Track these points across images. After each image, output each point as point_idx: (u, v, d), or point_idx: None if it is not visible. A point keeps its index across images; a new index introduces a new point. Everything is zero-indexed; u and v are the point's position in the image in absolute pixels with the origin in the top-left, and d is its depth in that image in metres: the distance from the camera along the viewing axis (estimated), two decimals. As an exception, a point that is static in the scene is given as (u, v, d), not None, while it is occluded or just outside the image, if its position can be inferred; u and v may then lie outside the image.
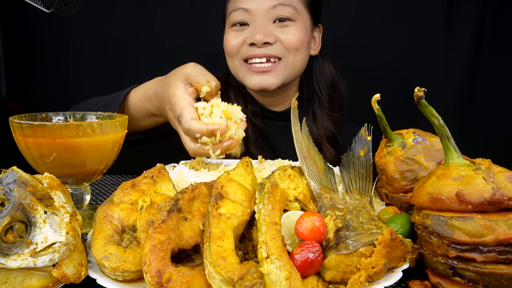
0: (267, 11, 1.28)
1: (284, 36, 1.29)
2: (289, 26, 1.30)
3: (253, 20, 1.30)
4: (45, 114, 0.93)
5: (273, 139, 1.46)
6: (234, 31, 1.33)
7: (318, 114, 1.42)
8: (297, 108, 0.92)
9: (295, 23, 1.31)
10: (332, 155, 1.38)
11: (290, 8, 1.29)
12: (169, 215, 0.65)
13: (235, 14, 1.31)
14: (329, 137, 1.41)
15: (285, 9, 1.28)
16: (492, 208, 0.64)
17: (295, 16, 1.30)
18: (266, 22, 1.29)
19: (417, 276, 0.70)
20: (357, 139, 0.93)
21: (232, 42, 1.33)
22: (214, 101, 0.91)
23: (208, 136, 0.86)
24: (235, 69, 1.37)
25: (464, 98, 1.91)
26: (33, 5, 0.91)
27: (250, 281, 0.58)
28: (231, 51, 1.34)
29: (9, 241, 0.60)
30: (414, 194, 0.74)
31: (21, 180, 0.63)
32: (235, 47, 1.32)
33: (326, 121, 1.42)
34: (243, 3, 1.30)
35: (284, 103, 1.45)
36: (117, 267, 0.63)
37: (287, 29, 1.30)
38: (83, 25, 1.93)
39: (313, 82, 1.45)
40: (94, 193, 1.13)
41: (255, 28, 1.28)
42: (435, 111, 0.74)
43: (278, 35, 1.29)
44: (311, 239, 0.65)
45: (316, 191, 0.82)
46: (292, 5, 1.30)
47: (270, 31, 1.28)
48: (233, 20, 1.32)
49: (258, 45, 1.28)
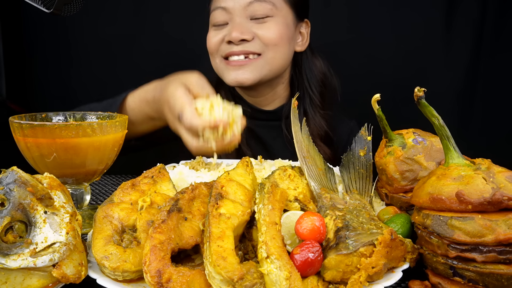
0: (244, 8, 1.28)
1: (261, 32, 1.29)
2: (267, 22, 1.29)
3: (231, 18, 1.30)
4: (45, 114, 0.93)
5: (266, 139, 1.44)
6: (214, 30, 1.34)
7: (310, 112, 1.40)
8: (296, 107, 0.92)
9: (274, 19, 1.30)
10: (327, 153, 1.37)
11: (267, 4, 1.28)
12: (169, 215, 0.65)
13: (214, 14, 1.32)
14: (322, 135, 1.40)
15: (262, 5, 1.28)
16: (492, 208, 0.64)
17: (273, 11, 1.29)
18: (243, 19, 1.29)
19: (417, 276, 0.70)
20: (357, 139, 0.93)
21: (212, 40, 1.34)
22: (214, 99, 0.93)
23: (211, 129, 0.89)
24: (216, 67, 1.37)
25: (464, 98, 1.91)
26: (33, 5, 0.91)
27: (250, 281, 0.58)
28: (211, 50, 1.35)
29: (9, 241, 0.60)
30: (414, 194, 0.74)
31: (21, 180, 0.63)
32: (215, 46, 1.33)
33: (318, 119, 1.40)
34: (222, 2, 1.30)
35: (274, 101, 1.44)
36: (117, 267, 0.63)
37: (264, 25, 1.29)
38: (84, 25, 1.93)
39: (303, 80, 1.43)
40: (94, 193, 1.13)
41: (233, 26, 1.29)
42: (435, 111, 0.74)
43: (256, 31, 1.29)
44: (311, 239, 0.65)
45: (316, 191, 0.82)
46: (269, 0, 1.29)
47: (247, 28, 1.28)
48: (214, 19, 1.33)
49: (235, 42, 1.28)
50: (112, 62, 1.97)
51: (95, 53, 1.98)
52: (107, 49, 1.96)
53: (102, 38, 1.95)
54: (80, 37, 1.97)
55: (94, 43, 1.96)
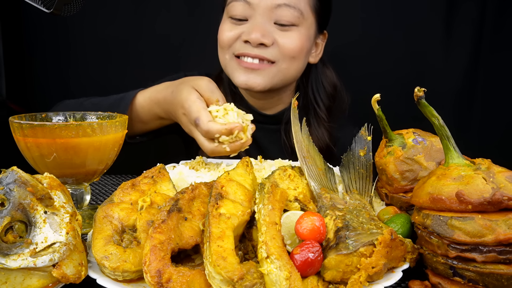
0: (270, 10, 1.18)
1: (282, 41, 1.21)
2: (290, 31, 1.21)
3: (252, 15, 1.20)
4: (45, 114, 0.93)
5: (263, 143, 1.39)
6: (231, 23, 1.24)
7: (313, 124, 1.34)
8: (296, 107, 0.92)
9: (298, 28, 1.22)
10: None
11: (295, 11, 1.19)
12: (169, 215, 0.65)
13: (235, 5, 1.21)
14: (323, 148, 1.32)
15: (290, 11, 1.19)
16: (492, 208, 0.64)
17: (300, 20, 1.21)
18: (266, 21, 1.20)
19: (417, 276, 0.70)
20: (357, 139, 0.93)
21: (226, 34, 1.24)
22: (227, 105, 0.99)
23: (226, 135, 0.95)
24: (224, 62, 1.30)
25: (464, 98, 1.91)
26: (33, 5, 0.91)
27: (250, 281, 0.58)
28: (223, 44, 1.26)
29: (9, 241, 0.60)
30: (414, 194, 0.74)
31: (21, 180, 0.63)
32: (228, 41, 1.24)
33: (321, 132, 1.34)
34: None
35: (276, 106, 1.39)
36: (117, 267, 0.63)
37: (287, 33, 1.21)
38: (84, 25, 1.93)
39: (309, 90, 1.37)
40: (94, 193, 1.13)
41: (253, 25, 1.19)
42: (435, 111, 0.74)
43: (277, 38, 1.21)
44: (311, 239, 0.65)
45: (316, 191, 0.82)
46: (298, 7, 1.20)
47: (269, 32, 1.20)
48: (232, 11, 1.22)
49: (253, 44, 1.20)
50: (112, 62, 1.97)
51: (95, 53, 1.98)
52: (107, 49, 1.96)
53: (102, 38, 1.95)
54: (80, 37, 1.97)
55: (94, 43, 1.96)
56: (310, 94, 1.37)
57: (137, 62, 1.95)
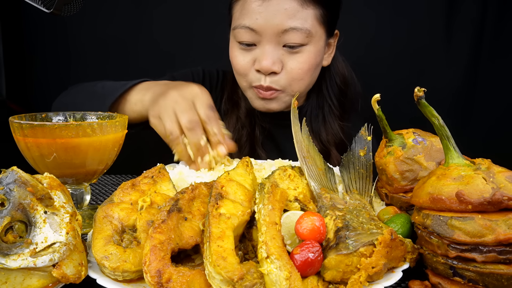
0: (277, 35, 1.17)
1: (291, 66, 1.21)
2: (299, 53, 1.21)
3: (260, 41, 1.20)
4: (45, 114, 0.93)
5: (279, 139, 1.42)
6: (240, 49, 1.24)
7: (328, 119, 1.37)
8: (296, 107, 0.92)
9: (307, 48, 1.21)
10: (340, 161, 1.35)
11: (302, 33, 1.17)
12: (169, 215, 0.65)
13: (240, 32, 1.21)
14: (338, 144, 1.35)
15: (297, 34, 1.17)
16: (492, 208, 0.64)
17: (308, 39, 1.20)
18: (275, 45, 1.19)
19: (417, 276, 0.70)
20: (357, 139, 0.93)
21: (240, 63, 1.25)
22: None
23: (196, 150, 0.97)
24: (243, 87, 1.32)
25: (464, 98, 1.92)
26: (33, 5, 0.91)
27: (250, 281, 0.58)
28: (239, 72, 1.27)
29: (9, 241, 0.60)
30: (414, 194, 0.74)
31: (21, 180, 0.63)
32: (244, 69, 1.25)
33: (336, 128, 1.36)
34: (250, 19, 1.18)
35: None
36: (117, 267, 0.63)
37: (296, 56, 1.21)
38: (84, 25, 1.94)
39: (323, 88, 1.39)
40: (94, 193, 1.13)
41: (263, 53, 1.20)
42: (435, 111, 0.74)
43: (286, 63, 1.21)
44: (311, 239, 0.65)
45: (316, 191, 0.82)
46: (305, 28, 1.17)
47: (278, 57, 1.20)
48: (239, 37, 1.22)
49: (265, 73, 1.21)
50: (112, 62, 1.97)
51: (95, 53, 1.98)
52: (106, 49, 1.96)
53: (102, 38, 1.95)
54: (80, 37, 1.97)
55: (94, 43, 1.96)
56: (324, 92, 1.39)
57: (137, 62, 1.96)
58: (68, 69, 2.00)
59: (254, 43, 1.22)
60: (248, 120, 1.39)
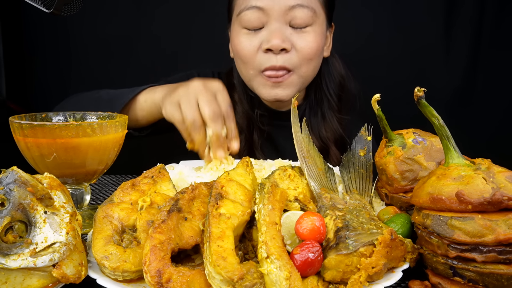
0: (284, 12, 1.17)
1: (300, 45, 1.20)
2: (306, 32, 1.21)
3: (267, 21, 1.19)
4: (45, 114, 0.93)
5: (279, 140, 1.41)
6: (247, 34, 1.22)
7: (328, 116, 1.36)
8: (296, 107, 0.92)
9: (312, 28, 1.21)
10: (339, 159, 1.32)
11: (309, 11, 1.18)
12: (169, 215, 0.65)
13: (247, 14, 1.19)
14: (338, 140, 1.35)
15: (304, 11, 1.18)
16: (492, 208, 0.64)
17: (313, 19, 1.20)
18: (282, 24, 1.19)
19: (417, 276, 0.70)
20: (357, 139, 0.93)
21: (246, 47, 1.22)
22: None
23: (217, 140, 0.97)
24: (248, 77, 1.28)
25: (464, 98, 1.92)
26: (33, 5, 0.91)
27: (250, 281, 0.58)
28: (246, 58, 1.23)
29: (9, 241, 0.60)
30: (414, 194, 0.74)
31: (21, 180, 0.63)
32: (250, 54, 1.22)
33: (335, 124, 1.36)
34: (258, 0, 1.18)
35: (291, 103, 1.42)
36: (117, 267, 0.63)
37: (303, 35, 1.21)
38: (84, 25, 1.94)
39: (322, 83, 1.38)
40: (94, 193, 1.13)
41: (271, 32, 1.18)
42: (435, 111, 0.74)
43: (295, 42, 1.20)
44: (311, 239, 0.65)
45: (316, 191, 0.82)
46: (311, 6, 1.19)
47: (287, 36, 1.19)
48: (246, 21, 1.20)
49: (275, 51, 1.18)
50: (112, 62, 1.97)
51: (95, 53, 1.98)
52: (107, 49, 1.96)
53: (102, 38, 1.95)
54: (80, 37, 1.97)
55: (94, 43, 1.96)
56: (323, 87, 1.38)
57: (137, 62, 1.96)
58: (68, 69, 2.00)
59: (261, 26, 1.21)
60: (246, 124, 1.37)
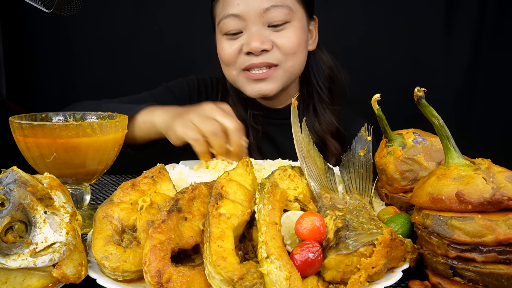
0: (260, 15, 1.21)
1: (280, 41, 1.23)
2: (284, 30, 1.24)
3: (246, 26, 1.23)
4: (45, 114, 0.93)
5: (278, 138, 1.43)
6: (228, 39, 1.26)
7: (319, 109, 1.38)
8: (296, 107, 0.92)
9: (291, 24, 1.24)
10: (338, 149, 1.35)
11: (284, 9, 1.22)
12: (169, 215, 0.65)
13: (226, 22, 1.24)
14: (333, 131, 1.37)
15: (279, 11, 1.21)
16: (492, 208, 0.64)
17: (290, 16, 1.23)
18: (260, 27, 1.22)
19: (417, 276, 0.70)
20: (357, 139, 0.93)
21: (226, 52, 1.26)
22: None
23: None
24: (232, 78, 1.32)
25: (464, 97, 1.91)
26: (33, 5, 0.91)
27: (250, 281, 0.58)
28: (226, 61, 1.28)
29: (9, 241, 0.60)
30: (414, 194, 0.74)
31: (21, 180, 0.63)
32: (231, 57, 1.26)
33: (328, 116, 1.37)
34: (233, 7, 1.22)
35: (286, 101, 1.42)
36: (117, 267, 0.63)
37: (283, 33, 1.24)
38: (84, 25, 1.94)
39: (311, 77, 1.40)
40: (94, 193, 1.13)
41: (250, 35, 1.22)
42: (435, 111, 0.74)
43: (274, 40, 1.23)
44: (311, 239, 0.65)
45: (316, 191, 0.82)
46: (285, 5, 1.22)
47: (266, 37, 1.23)
48: (225, 28, 1.25)
49: (256, 53, 1.22)
50: (112, 62, 1.97)
51: (95, 53, 1.98)
52: (107, 49, 1.96)
53: (102, 38, 1.95)
54: (80, 37, 1.97)
55: (94, 43, 1.96)
56: (313, 81, 1.40)
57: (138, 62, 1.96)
58: (68, 69, 2.00)
59: (240, 31, 1.24)
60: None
